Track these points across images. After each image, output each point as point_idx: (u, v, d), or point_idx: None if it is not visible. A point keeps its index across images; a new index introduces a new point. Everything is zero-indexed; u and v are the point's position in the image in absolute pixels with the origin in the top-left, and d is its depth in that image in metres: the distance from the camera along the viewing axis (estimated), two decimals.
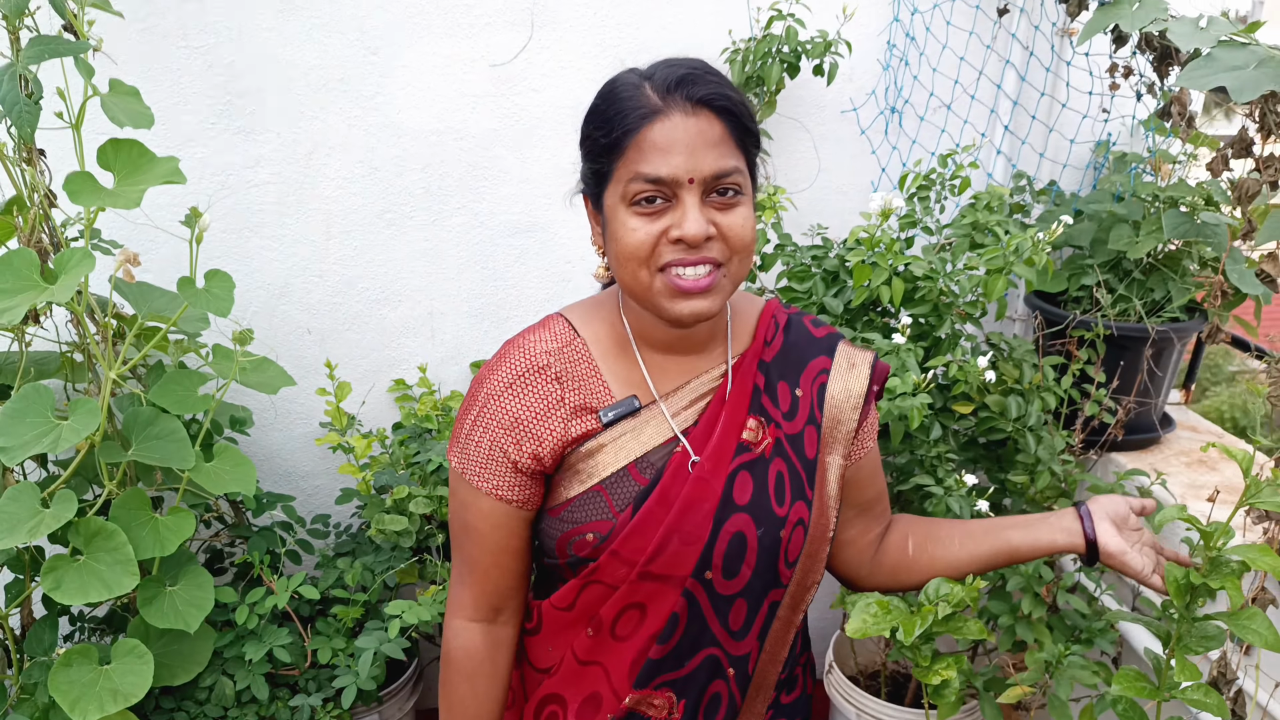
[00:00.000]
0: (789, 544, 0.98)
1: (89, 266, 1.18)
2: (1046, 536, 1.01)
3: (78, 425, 1.24)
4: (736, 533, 0.95)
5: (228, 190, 1.77)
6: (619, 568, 0.94)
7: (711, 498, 0.94)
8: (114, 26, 1.59)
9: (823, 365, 1.03)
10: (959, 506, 1.36)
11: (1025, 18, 1.85)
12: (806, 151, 1.93)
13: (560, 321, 0.99)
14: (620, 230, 0.87)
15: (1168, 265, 1.74)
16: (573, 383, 0.96)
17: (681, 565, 0.94)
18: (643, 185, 0.85)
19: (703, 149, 0.85)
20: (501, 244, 1.92)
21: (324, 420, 1.91)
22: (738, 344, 1.01)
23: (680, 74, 0.86)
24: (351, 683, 1.45)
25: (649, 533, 0.93)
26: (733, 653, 1.00)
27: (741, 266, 0.90)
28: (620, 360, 0.98)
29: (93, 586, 1.27)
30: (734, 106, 0.87)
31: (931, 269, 1.45)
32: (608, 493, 0.95)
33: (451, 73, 1.78)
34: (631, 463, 0.95)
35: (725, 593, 0.96)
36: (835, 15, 1.79)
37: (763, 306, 1.05)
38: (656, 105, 0.85)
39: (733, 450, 0.96)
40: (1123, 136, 1.94)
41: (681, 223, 0.85)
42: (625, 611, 0.96)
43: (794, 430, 1.00)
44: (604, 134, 0.87)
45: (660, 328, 0.96)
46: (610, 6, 1.79)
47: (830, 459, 1.02)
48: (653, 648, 0.96)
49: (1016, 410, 1.47)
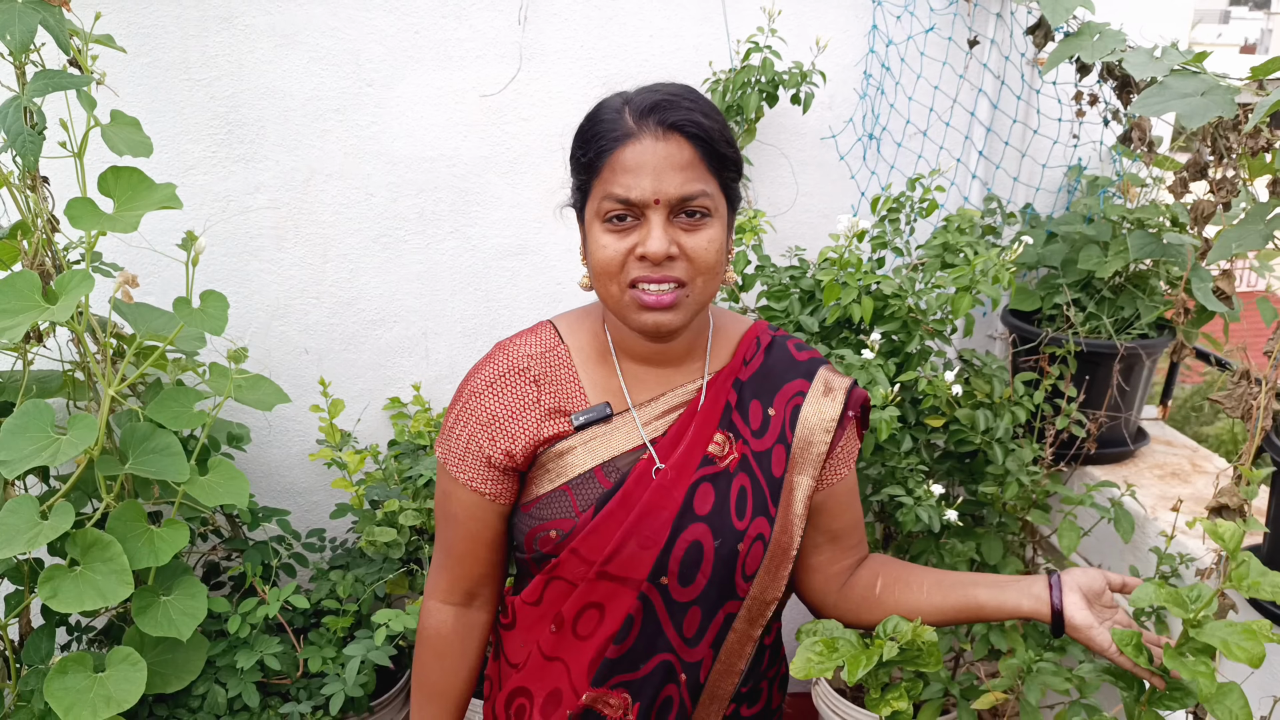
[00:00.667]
0: (747, 557, 1.00)
1: (88, 287, 1.24)
2: (1013, 600, 1.00)
3: (76, 439, 1.30)
4: (694, 541, 0.98)
5: (228, 215, 1.84)
6: (578, 565, 0.98)
7: (671, 505, 0.97)
8: (118, 60, 1.67)
9: (799, 388, 1.05)
10: (928, 515, 1.40)
11: (996, 49, 1.92)
12: (786, 177, 2.00)
13: (548, 328, 1.05)
14: (594, 245, 0.93)
15: (1137, 284, 1.79)
16: (551, 386, 1.01)
17: (638, 568, 0.97)
18: (613, 204, 0.91)
19: (670, 172, 0.90)
20: (493, 266, 1.98)
21: (321, 438, 1.96)
22: (716, 361, 1.04)
23: (656, 99, 0.91)
24: (340, 690, 1.49)
25: (608, 533, 0.97)
26: (685, 659, 1.02)
27: (707, 286, 0.94)
28: (600, 368, 1.02)
29: (88, 595, 1.31)
30: (705, 132, 0.91)
31: (900, 288, 1.50)
32: (573, 492, 0.99)
33: (443, 103, 1.86)
34: (598, 466, 0.99)
35: (680, 599, 0.99)
36: (810, 47, 1.86)
37: (748, 327, 1.09)
38: (630, 129, 0.91)
39: (697, 462, 0.99)
40: (1094, 161, 2.00)
41: (645, 240, 0.90)
42: (585, 610, 1.00)
43: (762, 448, 1.02)
44: (584, 153, 0.94)
45: (638, 340, 1.00)
46: (595, 40, 1.87)
47: (798, 479, 1.03)
48: (610, 648, 0.99)
49: (985, 423, 1.51)
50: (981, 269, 1.47)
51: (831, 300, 1.50)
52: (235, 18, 1.73)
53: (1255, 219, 1.29)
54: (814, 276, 1.65)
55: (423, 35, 1.81)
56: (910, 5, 1.90)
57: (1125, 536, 1.54)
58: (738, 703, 1.09)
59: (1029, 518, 1.63)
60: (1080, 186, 1.97)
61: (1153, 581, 0.93)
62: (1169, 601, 0.93)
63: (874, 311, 1.50)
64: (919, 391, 1.50)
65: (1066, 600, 0.97)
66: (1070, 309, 1.74)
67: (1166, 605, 0.92)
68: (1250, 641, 0.88)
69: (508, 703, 1.06)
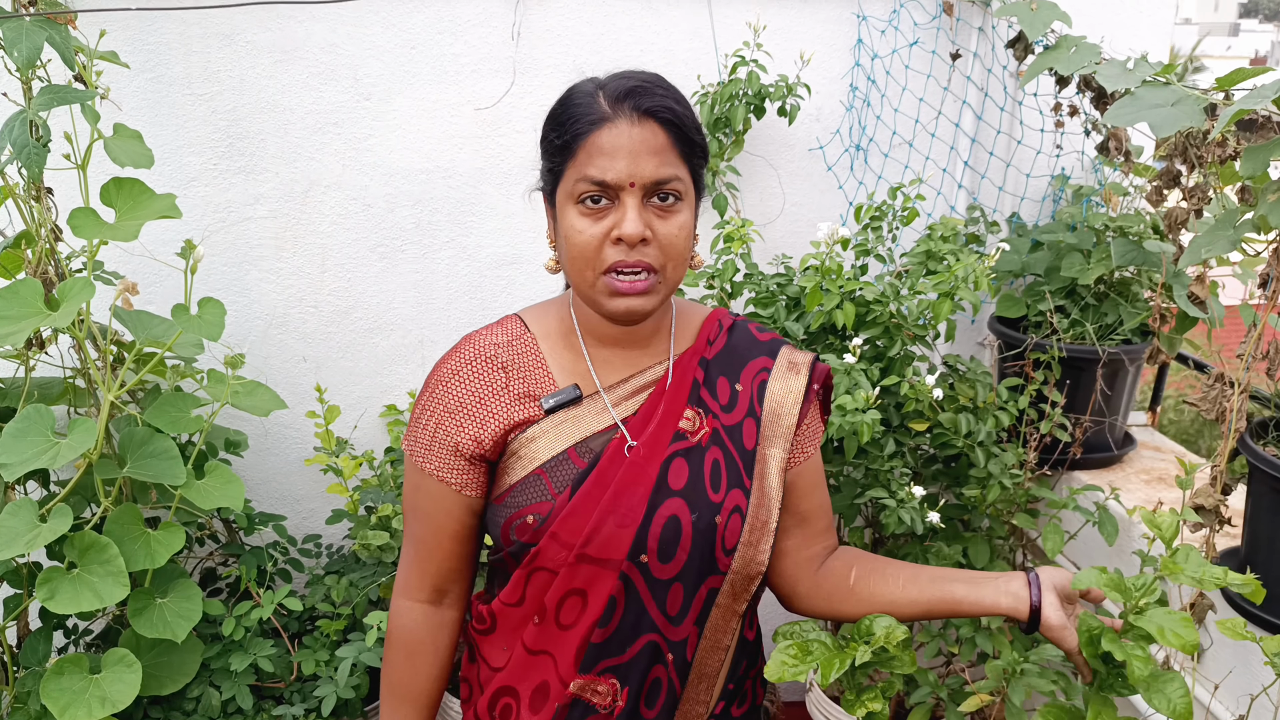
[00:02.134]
0: (725, 530, 1.01)
1: (89, 294, 1.28)
2: (990, 597, 1.01)
3: (75, 443, 1.33)
4: (671, 516, 0.99)
5: (228, 226, 1.88)
6: (558, 550, 0.98)
7: (646, 481, 0.98)
8: (123, 76, 1.72)
9: (764, 364, 1.08)
10: (910, 517, 1.42)
11: (978, 62, 1.96)
12: (774, 187, 2.04)
13: (514, 320, 1.06)
14: (569, 230, 0.94)
15: (1120, 291, 1.82)
16: (518, 372, 1.02)
17: (617, 548, 0.97)
18: (588, 186, 0.92)
19: (645, 155, 0.91)
20: (489, 275, 2.02)
21: (318, 444, 1.99)
22: (681, 342, 1.07)
23: (631, 85, 0.93)
24: (332, 692, 1.51)
25: (586, 514, 0.97)
26: (671, 638, 1.02)
27: (676, 272, 0.96)
28: (566, 353, 1.03)
29: (85, 597, 1.34)
30: (678, 118, 0.94)
31: (882, 294, 1.53)
32: (547, 475, 0.99)
33: (439, 116, 1.90)
34: (571, 447, 1.00)
35: (661, 577, 0.99)
36: (795, 61, 1.90)
37: (709, 313, 1.11)
38: (605, 113, 0.92)
39: (669, 438, 1.00)
40: (1077, 170, 2.03)
41: (621, 222, 0.92)
42: (568, 598, 1.00)
43: (732, 422, 1.04)
44: (558, 136, 0.95)
45: (605, 324, 1.01)
46: (588, 54, 1.91)
47: (771, 451, 1.05)
48: (595, 633, 0.99)
49: (967, 427, 1.54)
50: (962, 275, 1.50)
51: (814, 306, 1.53)
52: (237, 34, 1.78)
53: (1225, 225, 1.32)
54: (799, 284, 1.68)
55: (419, 51, 1.86)
56: (894, 20, 1.95)
57: (1109, 540, 1.55)
58: (727, 700, 1.10)
59: (1015, 521, 1.65)
60: (1064, 195, 2.00)
61: (1095, 568, 0.95)
62: (1110, 587, 0.96)
63: (857, 317, 1.53)
64: (902, 396, 1.52)
65: (1045, 599, 0.99)
66: (1054, 315, 1.76)
67: (1107, 591, 0.94)
68: (1186, 629, 0.91)
69: (491, 705, 1.06)
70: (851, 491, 1.62)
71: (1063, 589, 1.01)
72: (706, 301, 1.76)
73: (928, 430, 1.60)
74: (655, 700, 1.04)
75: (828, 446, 1.54)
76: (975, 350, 2.12)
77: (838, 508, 1.65)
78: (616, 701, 1.01)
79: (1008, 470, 1.56)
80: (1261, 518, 1.35)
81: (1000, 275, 1.86)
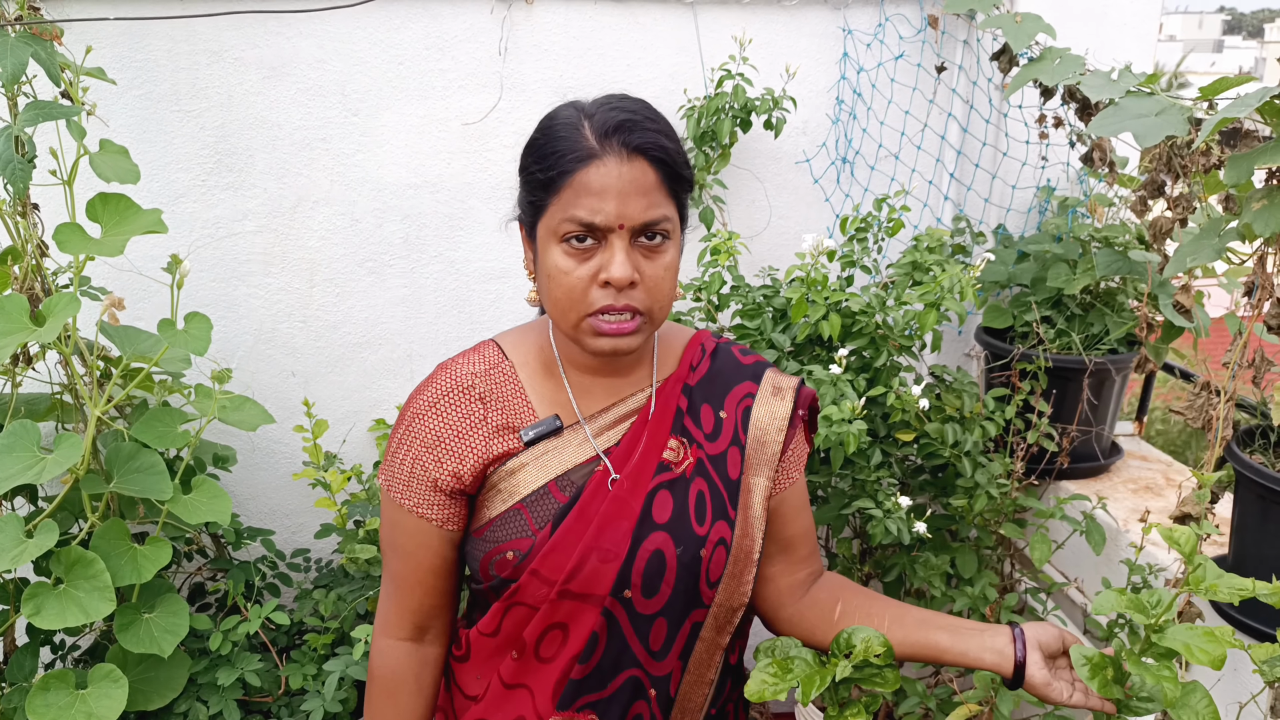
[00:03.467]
0: (710, 563, 0.99)
1: (75, 309, 1.28)
2: (975, 653, 0.98)
3: (61, 458, 1.33)
4: (655, 551, 0.96)
5: (216, 241, 1.89)
6: (539, 587, 0.95)
7: (630, 515, 0.96)
8: (111, 93, 1.73)
9: (748, 390, 1.05)
10: (896, 527, 1.42)
11: (963, 74, 1.97)
12: (761, 200, 2.05)
13: (490, 346, 1.04)
14: (553, 269, 0.91)
15: (1106, 301, 1.82)
16: (497, 403, 0.99)
17: (600, 583, 0.95)
18: (574, 227, 0.88)
19: (635, 196, 0.88)
20: (477, 289, 2.03)
21: (307, 460, 1.99)
22: (663, 369, 1.04)
23: (620, 119, 0.88)
24: (319, 706, 1.50)
25: (568, 550, 0.95)
26: (654, 673, 1.00)
27: (662, 312, 0.94)
28: (546, 382, 1.01)
29: (71, 612, 1.33)
30: (668, 155, 0.90)
31: (868, 305, 1.53)
32: (528, 510, 0.96)
33: (427, 131, 1.91)
34: (552, 480, 0.97)
35: (645, 612, 0.97)
36: (781, 74, 1.92)
37: (691, 335, 1.08)
38: (593, 149, 0.88)
39: (653, 469, 0.98)
40: (1062, 182, 2.05)
41: (609, 266, 0.88)
42: (548, 632, 0.97)
43: (716, 451, 1.02)
44: (541, 170, 0.90)
45: (586, 355, 0.99)
46: (574, 69, 1.93)
47: (755, 480, 1.03)
48: (575, 668, 0.97)
49: (954, 437, 1.54)
50: (948, 286, 1.51)
51: (800, 317, 1.53)
52: (225, 51, 1.79)
53: (1209, 233, 1.33)
54: (785, 296, 1.69)
55: (407, 67, 1.87)
56: (879, 34, 1.96)
57: (1096, 549, 1.56)
58: None
59: (1002, 531, 1.65)
60: (1050, 207, 2.01)
61: (1115, 590, 0.92)
62: (1130, 608, 0.92)
63: (843, 328, 1.54)
64: (888, 406, 1.53)
65: (1030, 658, 0.96)
66: (1040, 326, 1.77)
67: (1128, 611, 0.91)
68: (1212, 644, 0.88)
69: None
70: (839, 502, 1.61)
71: (1048, 646, 0.98)
72: (693, 314, 1.76)
73: (914, 440, 1.60)
74: None
75: (814, 458, 1.54)
76: (962, 361, 2.13)
77: (825, 518, 1.65)
78: None
79: (995, 480, 1.57)
80: (1248, 525, 1.35)
81: (986, 286, 1.87)
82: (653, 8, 1.90)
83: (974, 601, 1.55)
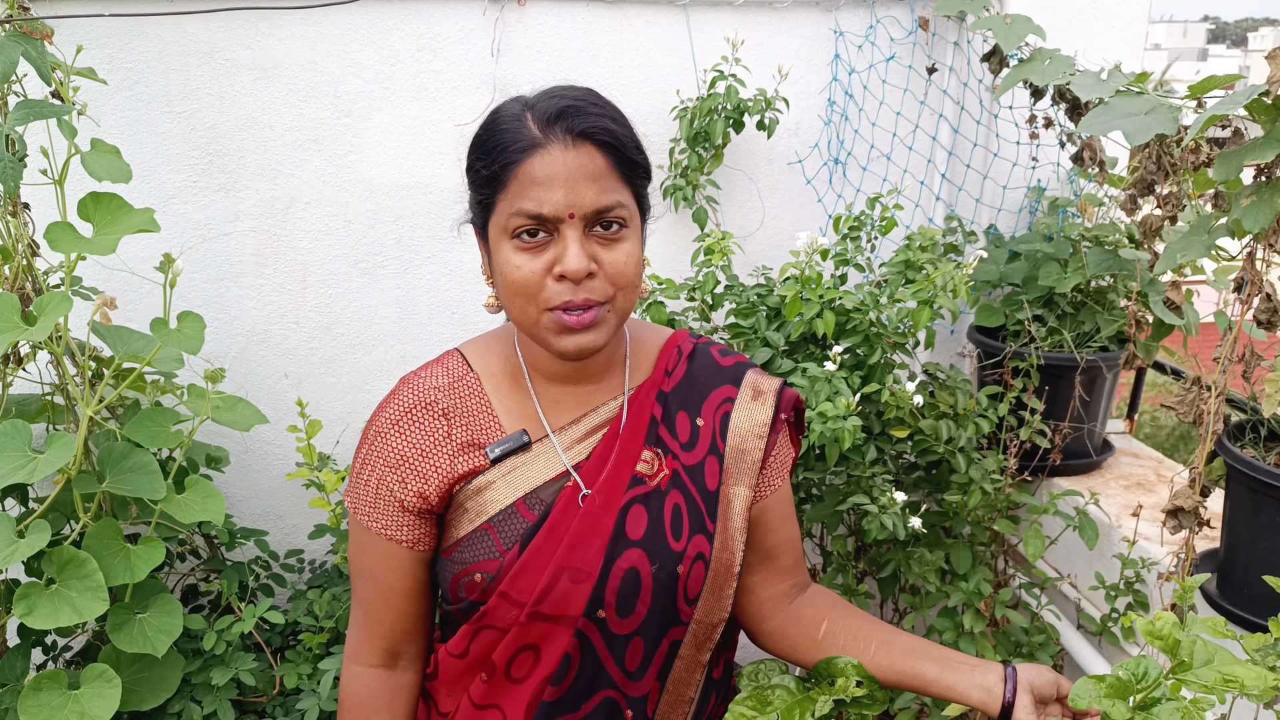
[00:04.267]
0: (688, 580, 0.94)
1: (66, 308, 1.27)
2: (962, 689, 0.92)
3: (53, 457, 1.32)
4: (630, 569, 0.92)
5: (208, 242, 1.88)
6: (509, 610, 0.91)
7: (602, 533, 0.91)
8: (102, 94, 1.73)
9: (727, 394, 1.00)
10: (892, 523, 1.43)
11: (954, 76, 1.99)
12: (754, 200, 2.05)
13: (455, 357, 0.98)
14: (506, 266, 0.87)
15: (1097, 299, 1.84)
16: (461, 419, 0.94)
17: (572, 604, 0.91)
18: (523, 220, 0.84)
19: (584, 183, 0.84)
20: (470, 290, 2.03)
21: (301, 461, 1.98)
22: (637, 375, 0.99)
23: (562, 105, 0.84)
24: (314, 705, 1.50)
25: (537, 571, 0.91)
26: (630, 694, 0.96)
27: (626, 300, 0.89)
28: (513, 394, 0.96)
29: (64, 612, 1.33)
30: (616, 139, 0.86)
31: (862, 303, 1.54)
32: (495, 531, 0.92)
33: (420, 132, 1.91)
34: (520, 499, 0.93)
35: (620, 632, 0.93)
36: (773, 75, 1.93)
37: (668, 336, 1.04)
38: (536, 138, 0.84)
39: (626, 483, 0.93)
40: (1053, 182, 2.06)
41: (563, 258, 0.84)
42: (519, 654, 0.93)
43: (693, 461, 0.97)
44: (485, 165, 0.86)
45: (554, 360, 0.94)
46: (567, 70, 1.93)
47: (735, 490, 0.98)
48: (547, 690, 0.93)
49: (948, 433, 1.55)
50: (941, 283, 1.52)
51: (794, 315, 1.54)
52: (216, 52, 1.79)
53: (1199, 230, 1.34)
54: (779, 294, 1.69)
55: (399, 67, 1.87)
56: (871, 35, 1.98)
57: (1090, 544, 1.56)
58: None
59: (996, 527, 1.65)
60: (1041, 207, 2.03)
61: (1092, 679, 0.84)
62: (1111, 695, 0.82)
63: (837, 326, 1.55)
64: (883, 403, 1.53)
65: (1019, 700, 0.90)
66: (1032, 324, 1.78)
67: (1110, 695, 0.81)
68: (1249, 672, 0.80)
69: None
70: (834, 499, 1.62)
71: (1040, 690, 0.92)
72: (688, 314, 1.76)
73: (909, 437, 1.61)
74: None
75: (809, 454, 1.54)
76: (955, 361, 2.14)
77: (821, 515, 1.65)
78: None
79: (988, 476, 1.57)
80: (1240, 518, 1.36)
81: (978, 285, 1.88)
82: (645, 9, 1.91)
83: (968, 597, 1.55)
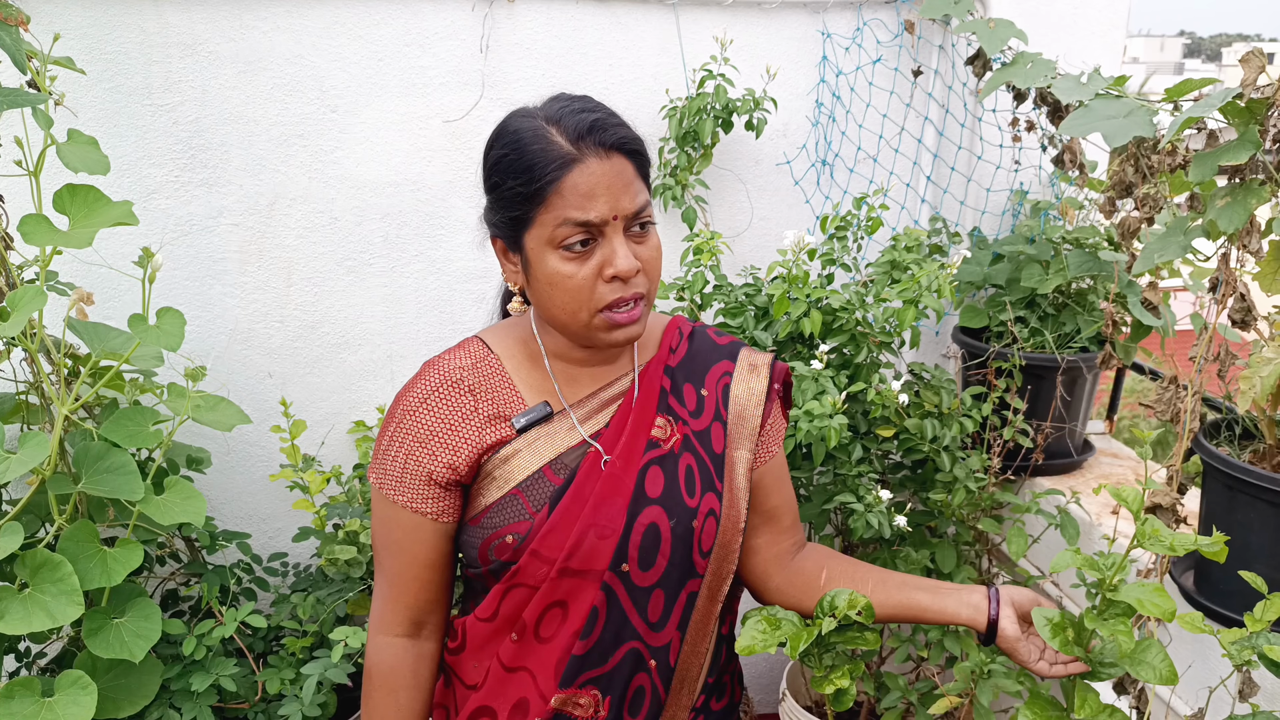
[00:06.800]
0: (702, 534, 1.03)
1: (40, 303, 1.24)
2: (952, 608, 1.05)
3: (26, 457, 1.28)
4: (650, 524, 1.00)
5: (190, 239, 1.85)
6: (539, 566, 0.98)
7: (624, 492, 0.99)
8: (81, 85, 1.69)
9: (725, 369, 1.11)
10: (878, 521, 1.43)
11: (939, 79, 2.01)
12: (743, 201, 2.06)
13: (475, 342, 1.06)
14: (555, 275, 0.94)
15: (1078, 301, 1.86)
16: (486, 394, 1.02)
17: (599, 559, 0.98)
18: (572, 230, 0.92)
19: (621, 189, 0.93)
20: (458, 289, 2.01)
21: (285, 462, 1.96)
22: (644, 353, 1.09)
23: (590, 120, 0.93)
24: (297, 710, 1.47)
25: (566, 529, 0.98)
26: (653, 644, 1.03)
27: (655, 289, 0.99)
28: (533, 372, 1.04)
29: (37, 616, 1.29)
30: (640, 146, 0.97)
31: (848, 302, 1.55)
32: (524, 495, 0.99)
33: (408, 128, 1.90)
34: (546, 465, 1.00)
35: (643, 584, 1.01)
36: (761, 75, 1.93)
37: (668, 321, 1.13)
38: (571, 153, 0.91)
39: (643, 447, 1.02)
40: (1035, 185, 2.09)
41: (613, 260, 0.92)
42: (548, 611, 1.00)
43: (701, 427, 1.06)
44: (522, 184, 0.93)
45: (574, 347, 1.02)
46: (557, 68, 1.93)
47: (738, 454, 1.08)
48: (576, 644, 0.99)
49: (933, 432, 1.56)
50: (926, 283, 1.53)
51: (781, 313, 1.54)
52: (199, 45, 1.76)
53: (1175, 231, 1.36)
54: (766, 294, 1.70)
55: (387, 63, 1.85)
56: (858, 38, 1.99)
57: (1071, 542, 1.58)
58: (707, 694, 1.12)
59: (980, 526, 1.67)
60: (1023, 210, 2.05)
61: (1070, 549, 0.99)
62: (1085, 565, 0.99)
63: (823, 325, 1.55)
64: (868, 402, 1.54)
65: (1003, 613, 1.03)
66: (1014, 325, 1.80)
67: (1084, 568, 0.98)
68: (1162, 598, 0.95)
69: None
70: (821, 499, 1.63)
71: (1021, 606, 1.04)
72: (677, 313, 1.76)
73: (894, 436, 1.62)
74: (639, 708, 1.05)
75: (796, 453, 1.55)
76: (940, 361, 2.16)
77: (808, 516, 1.66)
78: (599, 712, 1.02)
79: (972, 475, 1.59)
80: (1216, 515, 1.38)
81: (962, 286, 1.90)
82: (635, 8, 1.91)
83: None
